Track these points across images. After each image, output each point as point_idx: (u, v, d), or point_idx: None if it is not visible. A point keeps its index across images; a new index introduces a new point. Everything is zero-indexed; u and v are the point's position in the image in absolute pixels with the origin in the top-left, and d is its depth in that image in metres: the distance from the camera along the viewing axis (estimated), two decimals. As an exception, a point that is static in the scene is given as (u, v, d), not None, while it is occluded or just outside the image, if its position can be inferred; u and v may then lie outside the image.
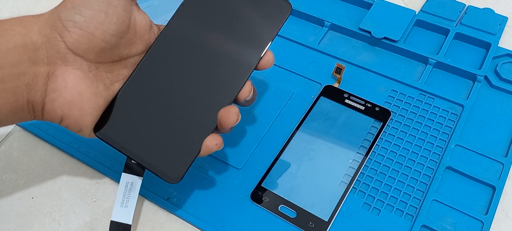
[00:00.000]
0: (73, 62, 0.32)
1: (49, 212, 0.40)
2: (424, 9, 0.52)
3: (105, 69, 0.34)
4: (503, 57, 0.47)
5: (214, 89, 0.35)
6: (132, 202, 0.35)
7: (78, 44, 0.32)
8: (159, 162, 0.34)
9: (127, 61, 0.35)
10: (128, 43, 0.34)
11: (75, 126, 0.33)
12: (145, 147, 0.34)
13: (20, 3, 0.58)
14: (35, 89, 0.32)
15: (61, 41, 0.32)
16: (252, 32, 0.36)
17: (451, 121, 0.43)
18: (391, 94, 0.46)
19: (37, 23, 0.32)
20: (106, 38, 0.32)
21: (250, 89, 0.35)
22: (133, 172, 0.35)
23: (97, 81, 0.33)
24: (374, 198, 0.39)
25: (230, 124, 0.34)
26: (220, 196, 0.40)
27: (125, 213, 0.35)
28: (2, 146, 0.44)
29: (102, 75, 0.34)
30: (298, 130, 0.43)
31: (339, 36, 0.51)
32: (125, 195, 0.35)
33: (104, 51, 0.33)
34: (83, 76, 0.33)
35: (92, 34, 0.32)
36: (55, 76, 0.32)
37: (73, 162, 0.43)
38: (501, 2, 0.53)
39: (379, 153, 0.41)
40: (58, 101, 0.32)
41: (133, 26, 0.34)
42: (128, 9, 0.34)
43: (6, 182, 0.42)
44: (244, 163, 0.42)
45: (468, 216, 0.37)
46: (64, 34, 0.32)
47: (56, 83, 0.32)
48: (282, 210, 0.38)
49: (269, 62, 0.36)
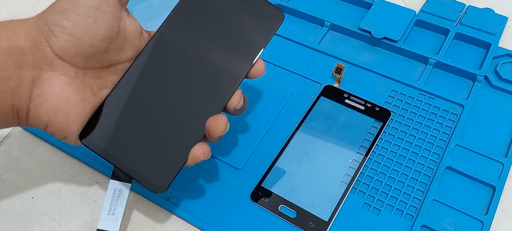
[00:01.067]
0: (60, 67, 0.32)
1: (49, 212, 0.40)
2: (424, 9, 0.52)
3: (93, 75, 0.33)
4: (503, 57, 0.47)
5: (203, 97, 0.34)
6: (120, 210, 0.35)
7: (65, 50, 0.31)
8: (145, 170, 0.33)
9: (116, 67, 0.35)
10: (117, 49, 0.34)
11: (60, 132, 0.33)
12: (131, 155, 0.34)
13: (20, 3, 0.58)
14: (20, 94, 0.31)
15: (47, 46, 0.31)
16: (243, 40, 0.35)
17: (451, 121, 0.43)
18: (391, 94, 0.46)
19: (24, 27, 0.31)
20: (94, 43, 0.32)
21: (240, 98, 0.35)
22: (121, 179, 0.35)
23: (84, 87, 0.33)
24: (374, 198, 0.39)
25: (218, 133, 0.33)
26: (220, 196, 0.40)
27: (112, 221, 0.34)
28: (2, 146, 0.44)
29: (90, 81, 0.33)
30: (298, 130, 0.43)
31: (339, 36, 0.51)
32: (112, 202, 0.34)
33: (92, 56, 0.32)
34: (70, 82, 0.32)
35: (79, 40, 0.31)
36: (41, 81, 0.31)
37: (73, 162, 0.43)
38: (501, 2, 0.53)
39: (379, 153, 0.41)
40: (43, 107, 0.32)
41: (122, 32, 0.34)
42: (118, 15, 0.33)
43: (6, 182, 0.42)
44: (244, 163, 0.42)
45: (468, 216, 0.37)
46: (50, 39, 0.31)
47: (41, 88, 0.31)
48: (282, 210, 0.38)
49: (260, 71, 0.35)
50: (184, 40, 0.35)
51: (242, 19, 0.35)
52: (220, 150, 0.42)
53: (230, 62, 0.35)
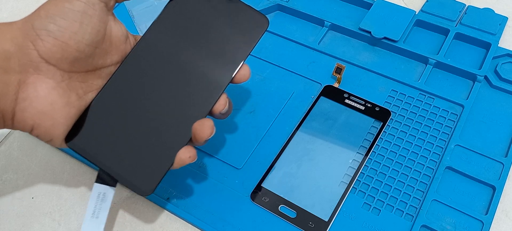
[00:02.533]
0: (46, 71, 0.32)
1: (49, 212, 0.40)
2: (424, 9, 0.52)
3: (78, 79, 0.34)
4: (503, 57, 0.47)
5: (188, 101, 0.35)
6: (104, 214, 0.34)
7: (51, 53, 0.31)
8: (131, 174, 0.34)
9: (101, 71, 0.35)
10: (103, 53, 0.34)
11: (45, 136, 0.33)
12: (117, 158, 0.34)
13: (20, 3, 0.58)
14: (5, 98, 0.31)
15: (33, 49, 0.31)
16: (228, 46, 0.35)
17: (451, 121, 0.43)
18: (391, 94, 0.46)
19: (10, 31, 0.31)
20: (80, 48, 0.32)
21: (225, 102, 0.35)
22: (105, 182, 0.34)
23: (70, 91, 0.33)
24: (374, 198, 0.39)
25: (204, 137, 0.34)
26: (220, 196, 0.40)
27: (95, 225, 0.34)
28: (2, 146, 0.44)
29: (76, 85, 0.33)
30: (298, 130, 0.43)
31: (339, 36, 0.51)
32: (96, 205, 0.34)
33: (78, 61, 0.33)
34: (56, 86, 0.32)
35: (65, 44, 0.31)
36: (26, 85, 0.32)
37: (73, 162, 0.43)
38: (501, 2, 0.53)
39: (379, 153, 0.41)
40: (28, 110, 0.32)
41: (108, 37, 0.34)
42: (104, 20, 0.33)
43: (6, 182, 0.42)
44: (244, 163, 0.42)
45: (468, 216, 0.37)
46: (37, 43, 0.31)
47: (27, 92, 0.32)
48: (282, 210, 0.38)
49: (245, 76, 0.35)
50: (170, 45, 0.36)
51: (228, 25, 0.36)
52: (220, 150, 0.42)
53: (216, 67, 0.35)
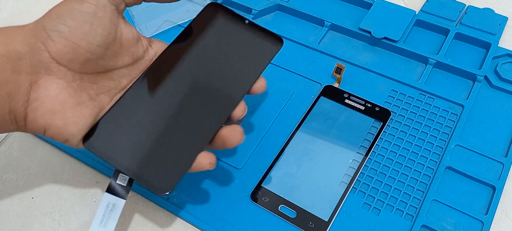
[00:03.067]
0: (57, 72, 0.32)
1: (49, 212, 0.40)
2: (424, 9, 0.52)
3: (90, 80, 0.34)
4: (503, 57, 0.47)
5: (209, 108, 0.36)
6: (112, 224, 0.34)
7: (62, 54, 0.32)
8: (149, 174, 0.34)
9: (112, 73, 0.35)
10: (114, 55, 0.34)
11: (59, 135, 0.33)
12: (135, 159, 0.34)
13: (20, 3, 0.58)
14: (17, 99, 0.31)
15: (45, 50, 0.32)
16: (246, 61, 0.38)
17: (451, 121, 0.43)
18: (391, 94, 0.46)
19: (21, 33, 0.32)
20: (91, 48, 0.32)
21: (245, 109, 0.36)
22: (116, 193, 0.34)
23: (81, 91, 0.33)
24: (374, 198, 0.39)
25: (234, 143, 0.35)
26: (220, 196, 0.40)
27: None
28: (2, 146, 0.44)
29: (87, 86, 0.34)
30: (298, 130, 0.43)
31: (339, 36, 0.51)
32: (105, 215, 0.34)
33: (89, 62, 0.33)
34: (67, 86, 0.33)
35: (76, 44, 0.32)
36: (37, 86, 0.32)
37: (73, 162, 0.43)
38: (501, 2, 0.53)
39: (379, 153, 0.41)
40: (39, 110, 0.32)
41: (119, 39, 0.34)
42: (115, 22, 0.34)
43: (6, 182, 0.42)
44: (244, 163, 0.42)
45: (468, 216, 0.37)
46: (48, 44, 0.32)
47: (38, 92, 0.32)
48: (282, 210, 0.38)
49: (261, 88, 0.37)
50: (194, 56, 0.38)
51: (247, 43, 0.39)
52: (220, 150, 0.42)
53: (235, 78, 0.37)
